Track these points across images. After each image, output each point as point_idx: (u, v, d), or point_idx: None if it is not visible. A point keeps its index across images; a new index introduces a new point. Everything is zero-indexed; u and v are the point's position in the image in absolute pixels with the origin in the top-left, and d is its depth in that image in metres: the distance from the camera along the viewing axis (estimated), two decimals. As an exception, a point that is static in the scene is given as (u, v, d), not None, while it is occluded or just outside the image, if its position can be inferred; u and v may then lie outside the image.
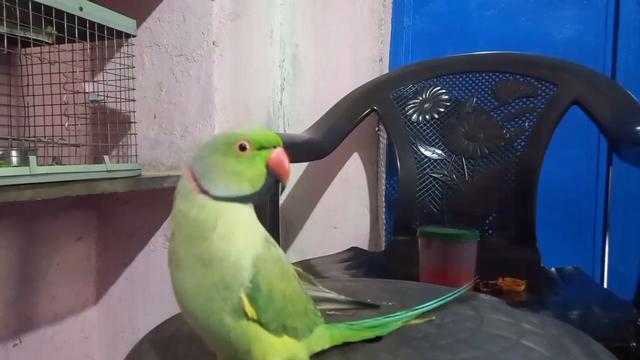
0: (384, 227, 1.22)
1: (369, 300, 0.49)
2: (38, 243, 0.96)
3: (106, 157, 0.79)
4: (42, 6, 0.67)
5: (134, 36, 0.87)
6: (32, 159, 0.64)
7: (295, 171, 1.32)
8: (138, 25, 0.92)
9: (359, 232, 1.28)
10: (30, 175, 0.63)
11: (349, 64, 1.28)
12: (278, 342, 0.32)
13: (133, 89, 0.91)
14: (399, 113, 1.13)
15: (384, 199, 1.23)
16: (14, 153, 0.75)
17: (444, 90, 1.13)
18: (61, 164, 0.77)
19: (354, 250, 1.10)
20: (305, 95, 1.32)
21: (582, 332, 0.46)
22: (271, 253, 0.33)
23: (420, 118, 1.12)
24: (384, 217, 1.23)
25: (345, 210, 1.30)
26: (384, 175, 1.23)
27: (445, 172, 1.07)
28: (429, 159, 1.09)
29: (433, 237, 0.80)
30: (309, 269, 0.90)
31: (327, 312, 0.44)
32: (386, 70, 1.27)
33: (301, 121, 1.31)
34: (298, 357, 0.34)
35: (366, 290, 0.59)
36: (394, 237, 1.08)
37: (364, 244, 1.27)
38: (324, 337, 0.37)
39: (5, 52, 0.70)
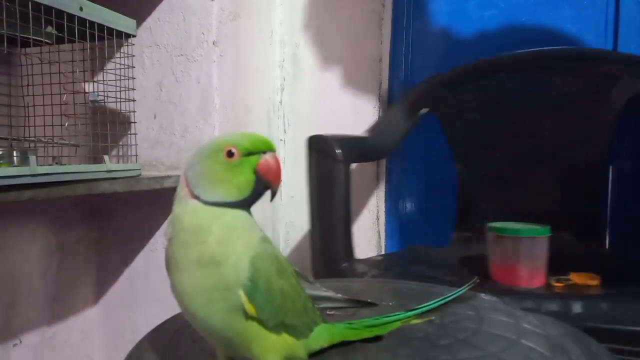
0: (384, 227, 1.22)
1: (368, 300, 0.49)
2: (38, 243, 0.96)
3: (106, 157, 0.79)
4: (42, 6, 0.67)
5: (134, 36, 0.87)
6: (32, 159, 0.64)
7: (295, 171, 1.32)
8: (138, 25, 0.92)
9: (360, 231, 1.28)
10: (30, 175, 0.63)
11: (349, 64, 1.28)
12: (277, 340, 0.33)
13: (133, 89, 0.91)
14: (457, 112, 1.12)
15: (384, 199, 1.23)
16: (14, 153, 0.75)
17: (503, 88, 1.11)
18: (61, 164, 0.77)
19: (413, 248, 1.10)
20: (305, 95, 1.32)
21: (582, 333, 0.46)
22: (268, 252, 0.34)
23: (479, 117, 1.11)
24: (384, 217, 1.23)
25: (345, 210, 1.30)
26: (384, 175, 1.23)
27: (508, 169, 1.05)
28: (490, 157, 1.08)
29: (503, 233, 0.78)
30: (372, 267, 0.89)
31: (327, 312, 0.44)
32: (386, 71, 1.27)
33: (301, 121, 1.31)
34: (297, 355, 0.35)
35: (366, 290, 0.59)
36: (458, 234, 1.07)
37: (364, 244, 1.27)
38: (322, 336, 0.37)
39: (5, 52, 0.70)
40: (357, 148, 1.02)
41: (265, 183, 0.34)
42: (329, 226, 0.83)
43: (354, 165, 1.29)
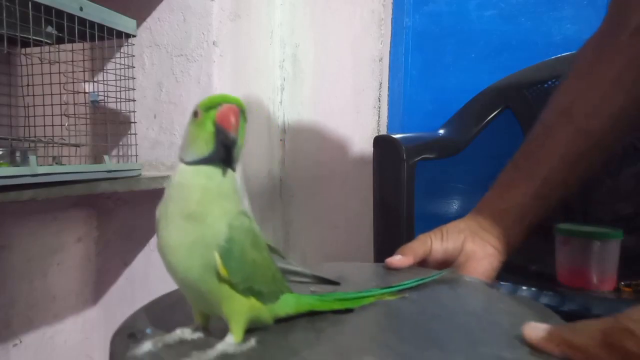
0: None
1: (333, 279, 0.49)
2: (38, 243, 0.96)
3: (106, 157, 0.79)
4: (42, 6, 0.67)
5: (134, 36, 0.87)
6: (32, 159, 0.64)
7: (296, 171, 1.32)
8: (138, 25, 0.92)
9: (360, 231, 1.28)
10: (31, 175, 0.63)
11: (349, 64, 1.28)
12: (245, 302, 0.36)
13: (133, 89, 0.91)
14: (536, 110, 1.11)
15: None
16: (14, 153, 0.75)
17: None
18: (61, 164, 0.77)
19: None
20: (305, 95, 1.31)
21: (555, 314, 0.46)
22: (245, 224, 0.36)
23: None
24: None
25: (345, 210, 1.30)
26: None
27: None
28: None
29: (572, 235, 0.77)
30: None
31: (311, 290, 0.46)
32: (386, 71, 1.27)
33: (301, 121, 1.31)
34: (262, 317, 0.38)
35: (356, 273, 0.58)
36: None
37: (364, 243, 1.27)
38: (289, 304, 0.40)
39: (5, 52, 0.70)
40: (425, 146, 1.02)
41: (223, 132, 0.34)
42: (392, 224, 0.81)
43: (352, 162, 1.29)
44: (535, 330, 0.34)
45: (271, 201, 1.28)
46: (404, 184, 0.97)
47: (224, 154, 0.34)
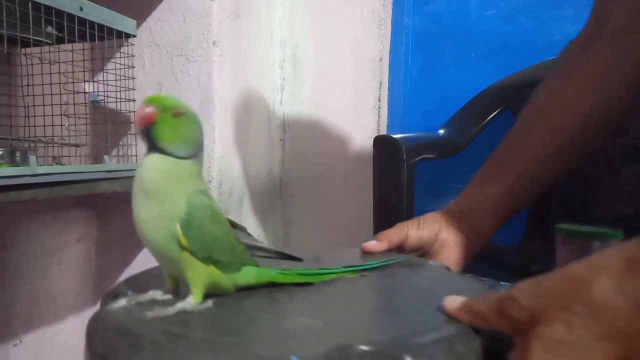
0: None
1: (295, 256, 0.52)
2: (38, 243, 0.96)
3: (106, 157, 0.79)
4: (42, 6, 0.67)
5: (134, 36, 0.87)
6: (32, 159, 0.64)
7: (296, 171, 1.32)
8: (138, 25, 0.92)
9: (360, 231, 1.28)
10: (31, 175, 0.63)
11: (349, 64, 1.28)
12: (205, 269, 0.41)
13: (133, 89, 0.91)
14: None
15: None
16: (14, 153, 0.75)
17: None
18: (61, 164, 0.77)
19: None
20: (305, 95, 1.32)
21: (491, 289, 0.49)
22: (204, 201, 0.41)
23: None
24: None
25: (345, 210, 1.30)
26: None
27: (587, 169, 1.03)
28: None
29: (572, 235, 0.78)
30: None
31: (284, 267, 0.49)
32: (386, 71, 1.27)
33: (301, 121, 1.31)
34: (222, 284, 0.43)
35: (332, 255, 0.61)
36: (528, 232, 1.06)
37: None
38: (250, 274, 0.45)
39: (5, 52, 0.70)
40: (425, 146, 1.02)
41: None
42: (392, 224, 0.83)
43: (352, 162, 1.29)
44: (453, 301, 0.38)
45: (271, 201, 1.28)
46: (404, 184, 0.97)
47: (147, 142, 0.41)
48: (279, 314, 0.41)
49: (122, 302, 0.41)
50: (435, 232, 0.63)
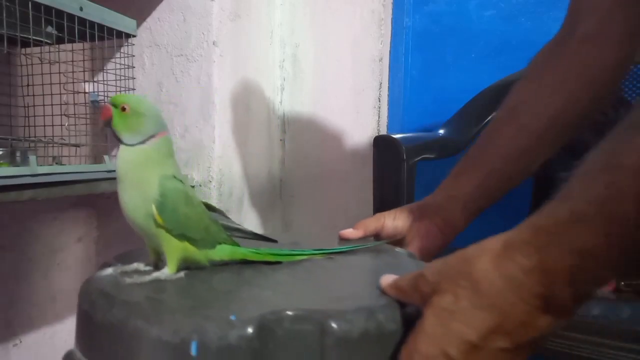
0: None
1: (270, 237, 0.58)
2: (38, 243, 0.96)
3: (106, 157, 0.79)
4: (42, 6, 0.67)
5: (134, 36, 0.87)
6: (32, 159, 0.64)
7: (296, 171, 1.32)
8: (138, 25, 0.92)
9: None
10: (31, 175, 0.63)
11: (349, 64, 1.28)
12: (179, 245, 0.46)
13: (133, 89, 0.91)
14: None
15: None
16: (14, 153, 0.75)
17: None
18: (61, 164, 0.77)
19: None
20: (305, 95, 1.32)
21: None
22: (177, 185, 0.46)
23: None
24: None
25: (346, 210, 1.30)
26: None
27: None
28: (569, 161, 1.06)
29: None
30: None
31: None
32: (386, 71, 1.27)
33: (301, 121, 1.31)
34: (197, 258, 0.48)
35: (310, 240, 0.65)
36: None
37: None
38: (224, 251, 0.50)
39: (5, 52, 0.70)
40: (425, 146, 1.02)
41: None
42: None
43: (352, 162, 1.29)
44: (386, 279, 0.42)
45: (271, 201, 1.28)
46: (404, 184, 0.97)
47: (114, 136, 0.47)
48: (239, 285, 0.46)
49: (109, 270, 0.48)
50: (409, 222, 0.67)
